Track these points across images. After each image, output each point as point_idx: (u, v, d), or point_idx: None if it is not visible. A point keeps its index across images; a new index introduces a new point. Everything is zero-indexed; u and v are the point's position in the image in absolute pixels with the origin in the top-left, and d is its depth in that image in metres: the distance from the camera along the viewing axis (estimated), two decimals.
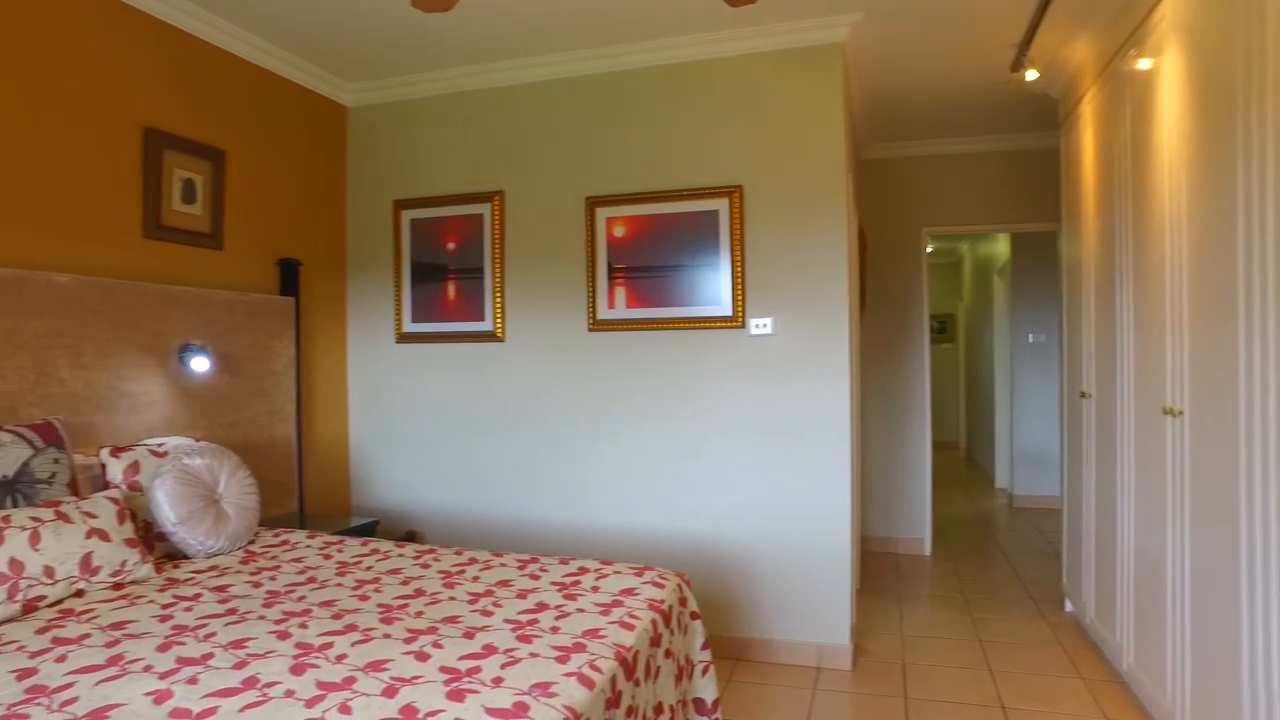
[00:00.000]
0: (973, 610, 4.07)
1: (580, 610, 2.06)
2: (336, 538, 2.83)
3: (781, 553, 3.45)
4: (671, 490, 3.61)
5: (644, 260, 3.65)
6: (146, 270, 3.07)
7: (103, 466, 2.59)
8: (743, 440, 3.51)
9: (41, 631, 1.88)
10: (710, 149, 3.57)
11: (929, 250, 6.34)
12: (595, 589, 2.25)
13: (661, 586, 2.29)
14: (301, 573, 2.40)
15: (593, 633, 1.89)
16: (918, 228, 5.41)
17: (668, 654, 2.15)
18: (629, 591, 2.23)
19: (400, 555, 2.60)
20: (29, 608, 2.01)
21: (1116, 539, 3.11)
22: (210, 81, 3.35)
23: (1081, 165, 3.64)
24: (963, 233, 5.44)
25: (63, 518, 2.17)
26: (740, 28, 3.42)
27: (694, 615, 2.43)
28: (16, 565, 2.00)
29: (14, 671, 1.65)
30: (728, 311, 3.52)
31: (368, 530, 3.50)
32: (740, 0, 2.17)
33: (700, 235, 3.56)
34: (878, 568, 4.98)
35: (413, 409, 4.05)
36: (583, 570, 2.43)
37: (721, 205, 3.54)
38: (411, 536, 4.00)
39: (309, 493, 3.88)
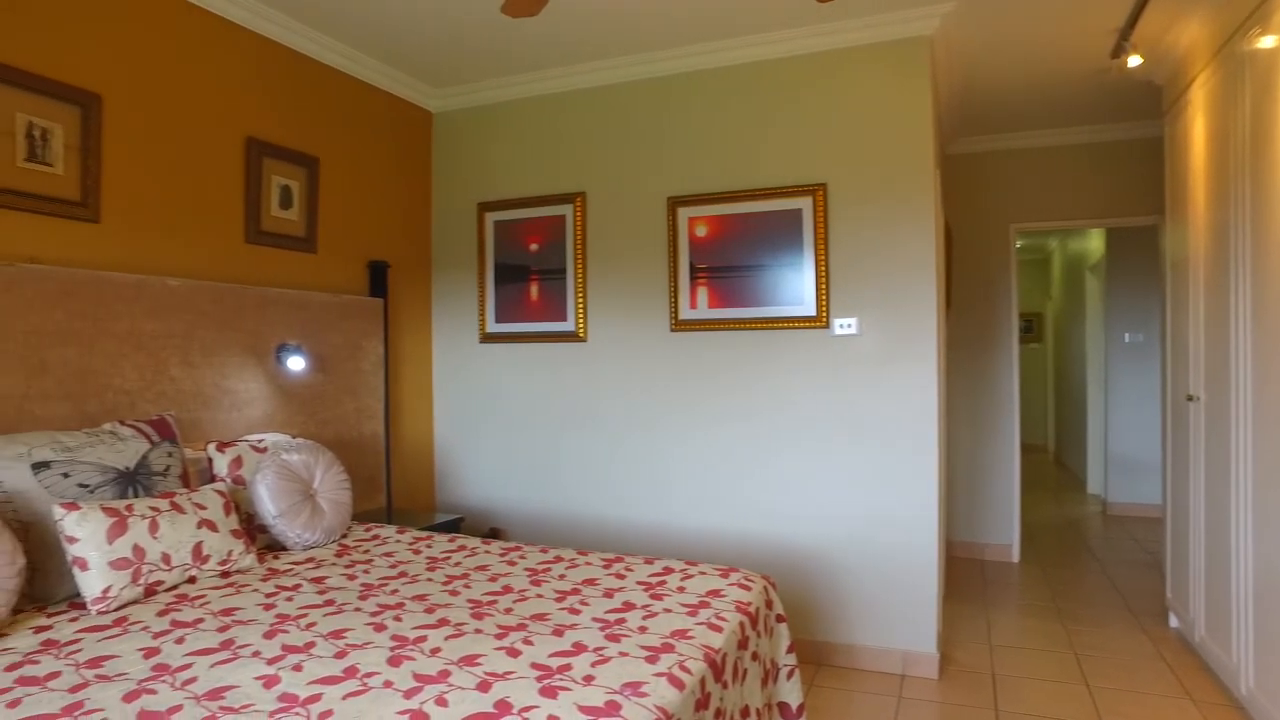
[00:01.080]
0: (1066, 621, 3.91)
1: (667, 610, 2.06)
2: (425, 533, 2.90)
3: (865, 556, 3.38)
4: (753, 491, 3.58)
5: (726, 260, 3.62)
6: (247, 274, 3.21)
7: (210, 461, 2.71)
8: (826, 441, 3.45)
9: (162, 614, 1.98)
10: (793, 147, 3.52)
11: (1016, 247, 6.11)
12: (681, 589, 2.24)
13: (748, 588, 2.27)
14: (393, 567, 2.46)
15: (681, 633, 1.88)
16: (1005, 224, 5.23)
17: (754, 657, 2.13)
18: (715, 593, 2.21)
19: (487, 552, 2.64)
20: (150, 591, 2.12)
21: (1231, 552, 2.93)
22: (305, 91, 3.48)
23: (1190, 154, 3.45)
24: (1054, 228, 5.23)
25: (177, 508, 2.28)
26: (825, 23, 3.36)
27: (780, 618, 2.40)
28: (139, 551, 2.11)
29: (141, 650, 1.75)
30: (811, 311, 3.47)
31: (453, 527, 3.57)
32: None
33: (783, 234, 3.52)
34: (963, 574, 4.83)
35: (495, 408, 4.13)
36: (668, 570, 2.43)
37: (805, 204, 3.48)
38: (494, 533, 4.07)
39: (395, 489, 3.99)
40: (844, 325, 3.41)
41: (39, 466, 2.18)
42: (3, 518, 2.03)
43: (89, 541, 2.05)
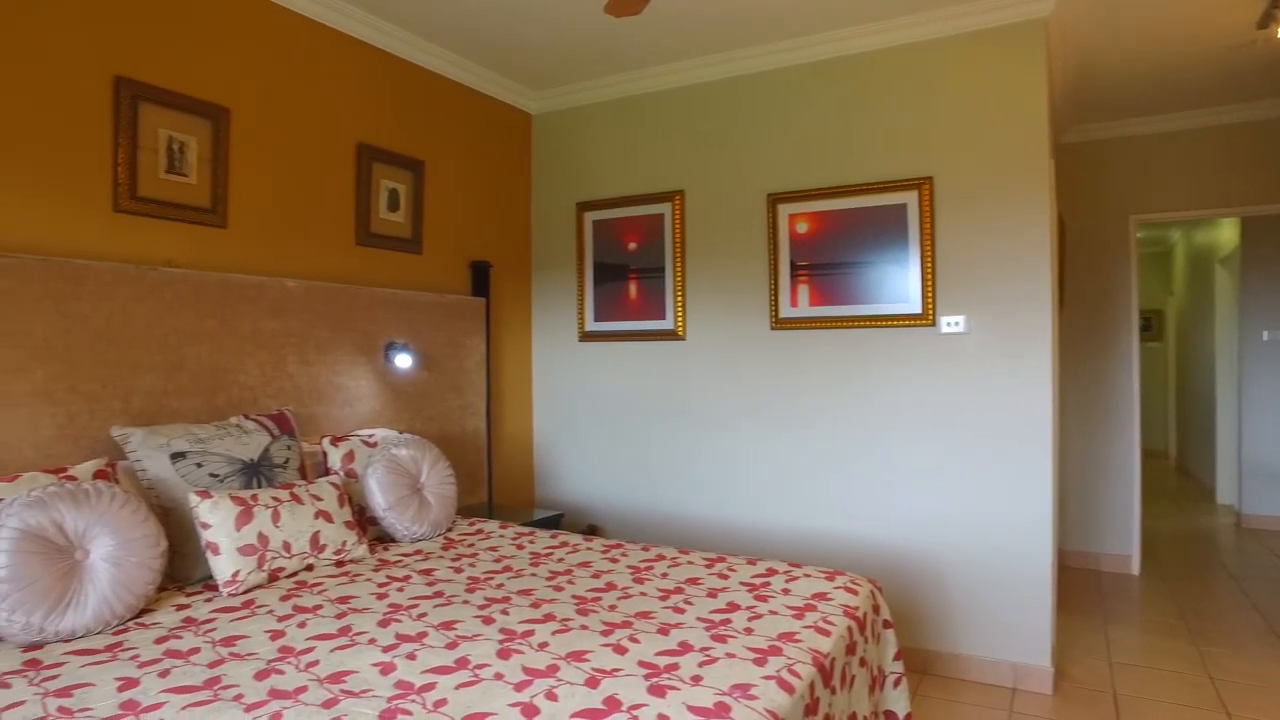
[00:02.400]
0: (1198, 641, 3.65)
1: (773, 612, 2.02)
2: (527, 529, 2.95)
3: (973, 563, 3.25)
4: (856, 493, 3.49)
5: (828, 257, 3.55)
6: (357, 275, 3.34)
7: (324, 454, 2.83)
8: (932, 443, 3.33)
9: (284, 599, 2.08)
10: (897, 140, 3.41)
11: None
12: (786, 591, 2.20)
13: (855, 592, 2.21)
14: (498, 561, 2.51)
15: (788, 636, 1.85)
16: (1124, 215, 4.93)
17: (862, 663, 2.07)
18: (821, 596, 2.16)
19: (589, 549, 2.66)
20: (273, 576, 2.23)
21: None
22: (411, 97, 3.60)
23: None
24: (1180, 219, 4.90)
25: (296, 499, 2.39)
26: (931, 10, 3.24)
27: (887, 624, 2.33)
28: (263, 539, 2.22)
29: (268, 632, 1.84)
30: (916, 309, 3.36)
31: (553, 523, 3.63)
32: None
33: (887, 230, 3.42)
34: (1077, 585, 4.59)
35: (594, 405, 4.16)
36: (771, 571, 2.39)
37: (910, 198, 3.37)
38: (592, 530, 4.11)
39: (495, 484, 4.08)
40: (951, 323, 3.29)
41: (176, 456, 2.32)
42: (148, 504, 2.17)
43: (220, 528, 2.18)
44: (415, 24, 3.39)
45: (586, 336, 4.17)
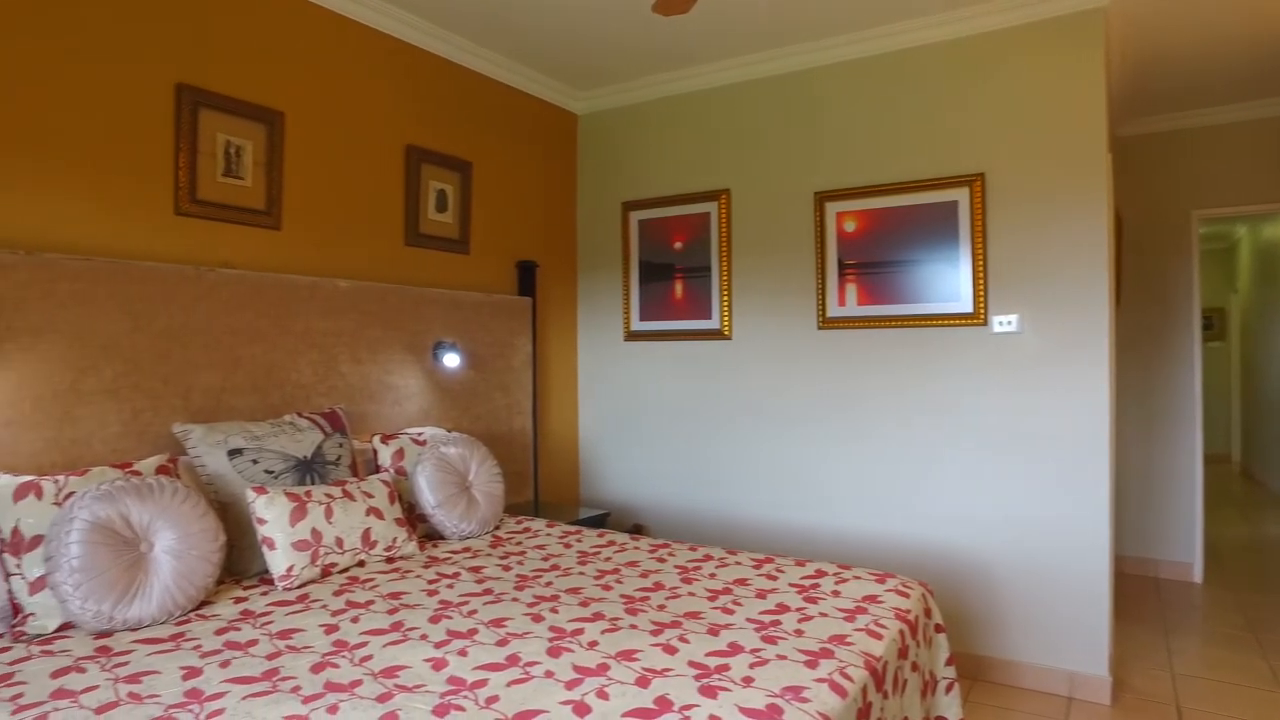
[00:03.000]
0: (1270, 655, 3.50)
1: (823, 614, 2.00)
2: (574, 527, 2.96)
3: (1026, 568, 3.17)
4: (903, 494, 3.44)
5: (876, 255, 3.50)
6: (406, 275, 3.39)
7: (374, 452, 2.87)
8: (983, 444, 3.26)
9: (337, 594, 2.12)
10: (948, 137, 3.35)
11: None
12: (836, 593, 2.17)
13: (906, 595, 2.17)
14: (545, 559, 2.52)
15: (839, 639, 1.82)
16: (1186, 210, 4.77)
17: (914, 667, 2.04)
18: (872, 598, 2.13)
19: (636, 548, 2.66)
20: (326, 571, 2.27)
21: None
22: (459, 99, 3.64)
23: None
24: (1246, 214, 4.73)
25: (348, 496, 2.43)
26: (984, 3, 3.17)
27: (938, 628, 2.29)
28: (316, 534, 2.26)
29: (322, 626, 1.88)
30: (968, 308, 3.29)
31: (599, 522, 3.63)
32: None
33: (938, 227, 3.36)
34: (1135, 592, 4.45)
35: (639, 405, 4.16)
36: (820, 573, 2.36)
37: (961, 195, 3.31)
38: (637, 529, 4.11)
39: (541, 483, 4.10)
40: (1004, 322, 3.22)
41: (234, 453, 2.38)
42: (207, 499, 2.23)
43: (275, 523, 2.22)
44: (463, 27, 3.42)
45: (632, 336, 4.17)
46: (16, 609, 1.84)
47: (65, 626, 1.86)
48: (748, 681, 1.58)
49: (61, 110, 2.31)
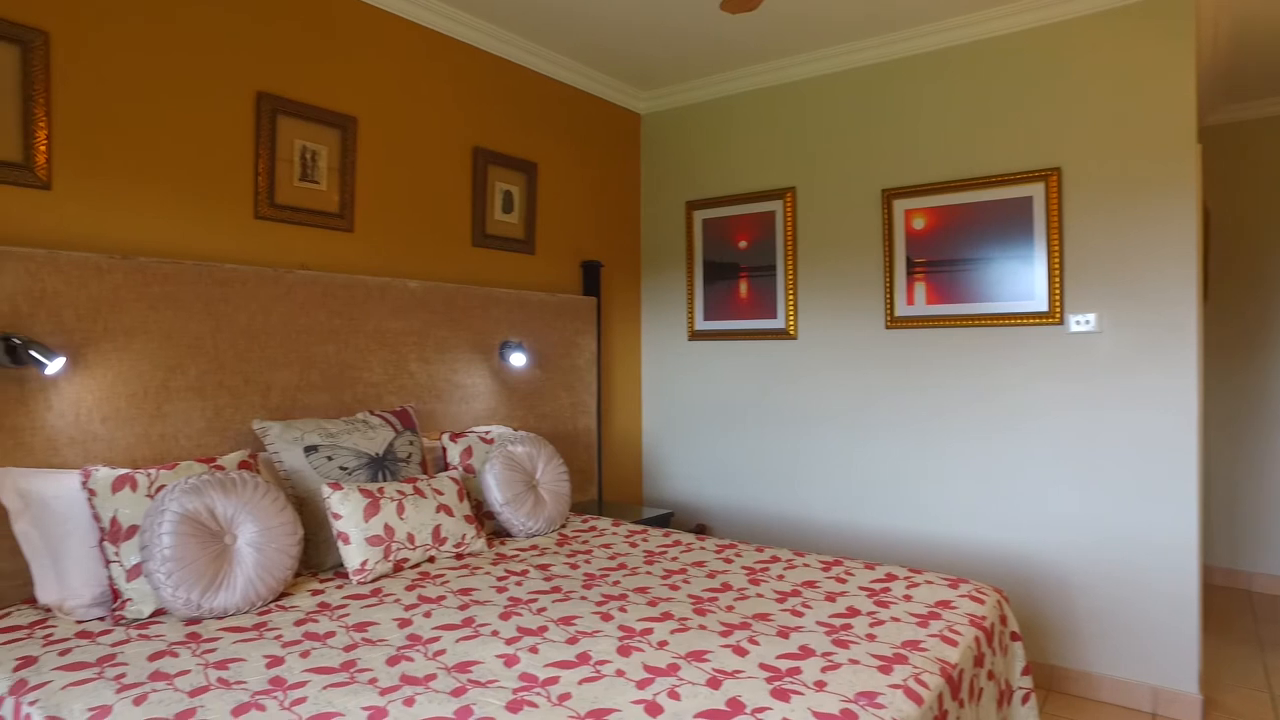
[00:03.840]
0: None
1: (895, 619, 1.96)
2: (639, 527, 2.97)
3: (1106, 577, 3.05)
4: (973, 498, 3.35)
5: (946, 254, 3.42)
6: (474, 275, 3.44)
7: (444, 450, 2.92)
8: (1059, 447, 3.15)
9: (409, 589, 2.16)
10: (1021, 130, 3.25)
11: None
12: (907, 598, 2.13)
13: (981, 601, 2.11)
14: (612, 558, 2.53)
15: (913, 644, 1.78)
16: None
17: (990, 676, 1.98)
18: (945, 604, 2.08)
19: (702, 549, 2.65)
20: (398, 567, 2.32)
21: None
22: (525, 101, 3.68)
23: None
24: None
25: (419, 493, 2.47)
26: None
27: (1014, 636, 2.22)
28: (389, 530, 2.31)
29: (396, 620, 1.92)
30: (1042, 307, 3.19)
31: (662, 521, 3.63)
32: None
33: (1010, 224, 3.26)
34: (1225, 606, 4.25)
35: (703, 404, 4.15)
36: (890, 577, 2.32)
37: (1035, 190, 3.21)
38: (701, 529, 4.09)
39: (604, 481, 4.12)
40: (1081, 321, 3.11)
41: (309, 450, 2.45)
42: (285, 494, 2.30)
43: (350, 519, 2.28)
44: (528, 29, 3.46)
45: (696, 335, 4.16)
46: (116, 594, 1.93)
47: (158, 612, 1.94)
48: (820, 685, 1.55)
49: (153, 122, 2.41)
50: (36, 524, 1.96)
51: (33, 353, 1.99)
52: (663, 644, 1.76)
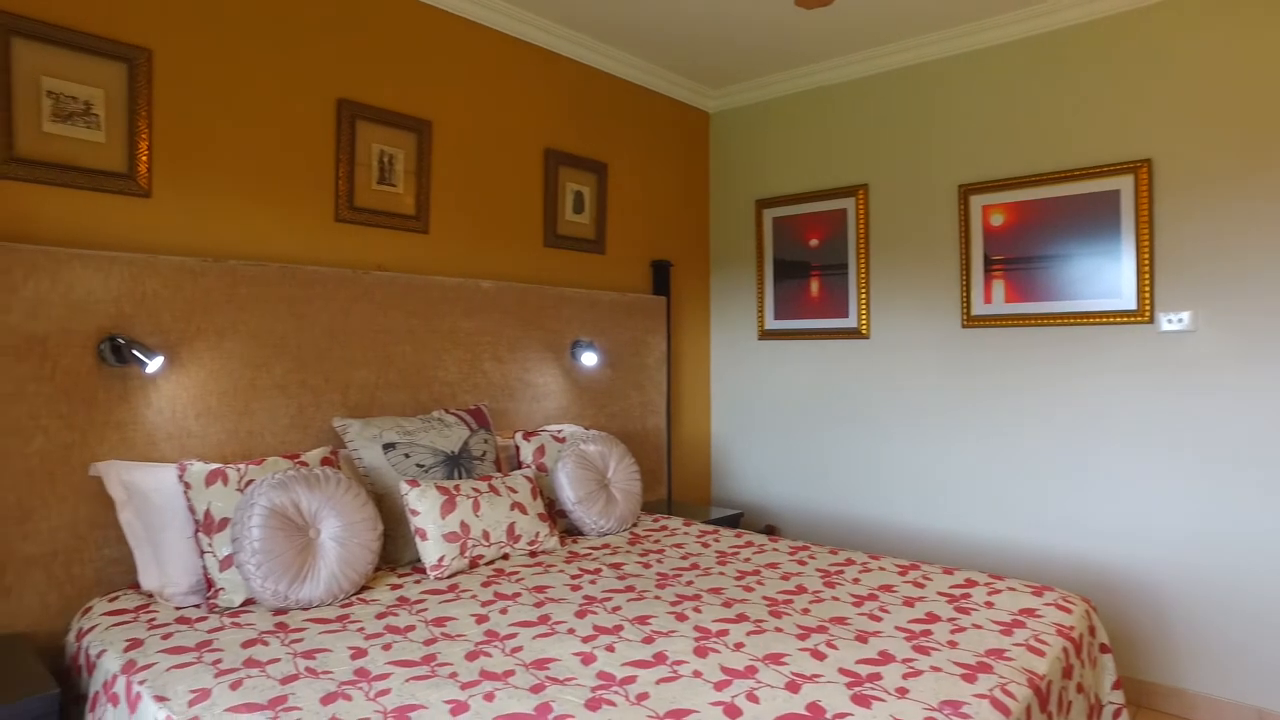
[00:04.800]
0: None
1: (976, 626, 1.91)
2: (711, 527, 2.96)
3: (1200, 587, 2.91)
4: (1055, 503, 3.23)
5: (1026, 250, 3.31)
6: (545, 275, 3.48)
7: (516, 448, 2.96)
8: (1147, 451, 3.02)
9: (485, 585, 2.19)
10: (1108, 121, 3.12)
11: None
12: (989, 604, 2.07)
13: (1068, 610, 2.04)
14: (684, 558, 2.53)
15: (997, 653, 1.73)
16: None
17: (1079, 689, 1.91)
18: (1029, 612, 2.01)
19: (775, 550, 2.63)
20: (473, 563, 2.36)
21: None
22: (594, 102, 3.70)
23: None
24: None
25: (494, 490, 2.51)
26: None
27: (1104, 648, 2.14)
28: (465, 527, 2.35)
29: (473, 615, 1.95)
30: (1130, 305, 3.06)
31: (732, 522, 3.61)
32: None
33: (1096, 219, 3.14)
34: None
35: (773, 405, 4.11)
36: (970, 583, 2.26)
37: (1123, 183, 3.08)
38: (770, 530, 4.05)
39: (673, 481, 4.12)
40: (1173, 320, 2.97)
41: (387, 447, 2.51)
42: (366, 490, 2.36)
43: (427, 515, 2.33)
44: (599, 30, 3.48)
45: (766, 335, 4.12)
46: (210, 583, 2.01)
47: (248, 602, 2.01)
48: (902, 692, 1.52)
49: (242, 130, 2.51)
50: (139, 514, 2.06)
51: (135, 352, 2.09)
52: (739, 646, 1.75)
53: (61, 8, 2.14)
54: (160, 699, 1.50)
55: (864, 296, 3.76)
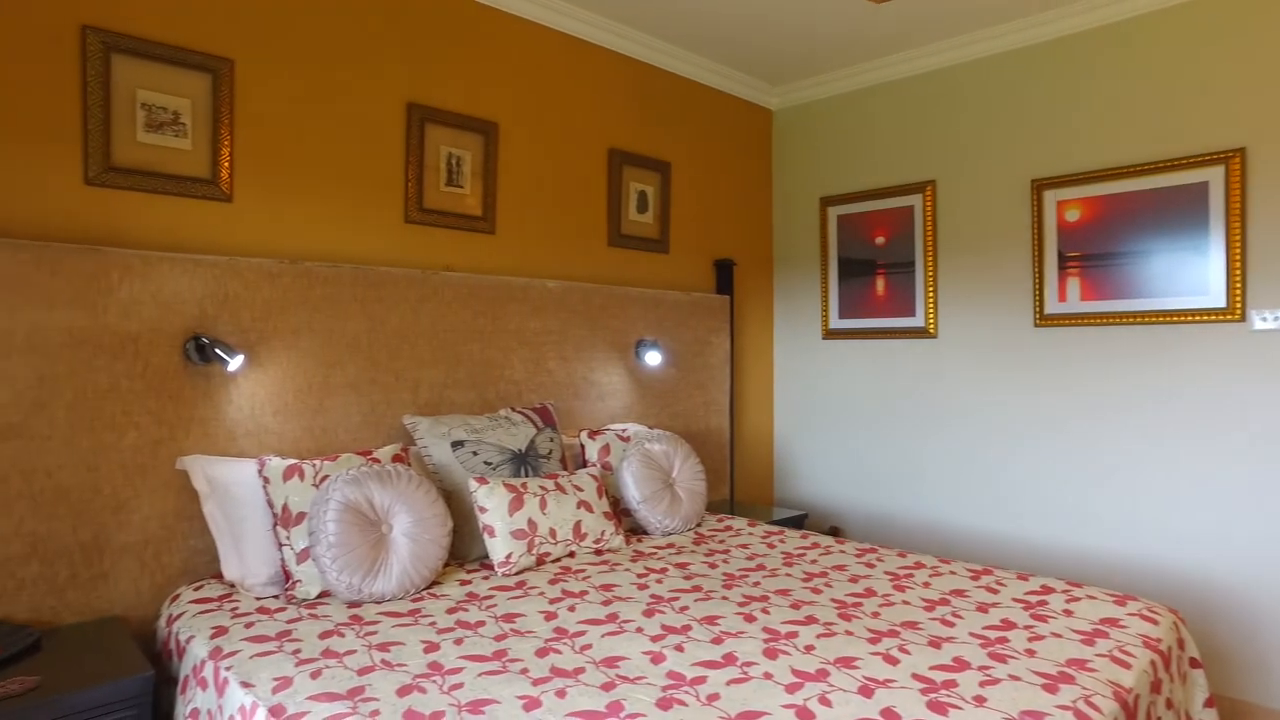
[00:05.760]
0: None
1: (1055, 635, 1.85)
2: (776, 527, 2.93)
3: None
4: (1132, 509, 3.10)
5: (1103, 246, 3.19)
6: (609, 275, 3.49)
7: (582, 447, 2.98)
8: (1239, 456, 2.88)
9: (552, 582, 2.21)
10: (1195, 110, 2.99)
11: None
12: (1068, 613, 2.00)
13: (1154, 621, 1.96)
14: (750, 559, 2.51)
15: (1079, 663, 1.67)
16: None
17: (1169, 704, 1.83)
18: (1112, 621, 1.94)
19: (841, 552, 2.59)
20: (540, 561, 2.38)
21: None
22: (657, 101, 3.70)
23: None
24: None
25: (560, 489, 2.53)
26: None
27: (1194, 663, 2.04)
28: (532, 525, 2.38)
29: (542, 612, 1.97)
30: (1218, 302, 2.92)
31: (796, 523, 3.57)
32: None
33: (1180, 213, 3.01)
34: None
35: (836, 405, 4.05)
36: (1046, 590, 2.19)
37: (1213, 175, 2.94)
38: (834, 531, 4.00)
39: (735, 481, 4.09)
40: (1268, 318, 2.82)
41: (456, 445, 2.55)
42: (436, 487, 2.41)
43: (495, 512, 2.36)
44: (662, 29, 3.47)
45: (830, 334, 4.06)
46: (287, 575, 2.07)
47: (323, 594, 2.07)
48: (979, 701, 1.48)
49: (317, 135, 2.58)
50: (220, 507, 2.14)
51: (218, 351, 2.17)
52: (809, 648, 1.73)
53: (153, 23, 2.23)
54: (246, 685, 1.55)
55: (931, 295, 3.67)
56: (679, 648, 1.73)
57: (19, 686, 1.59)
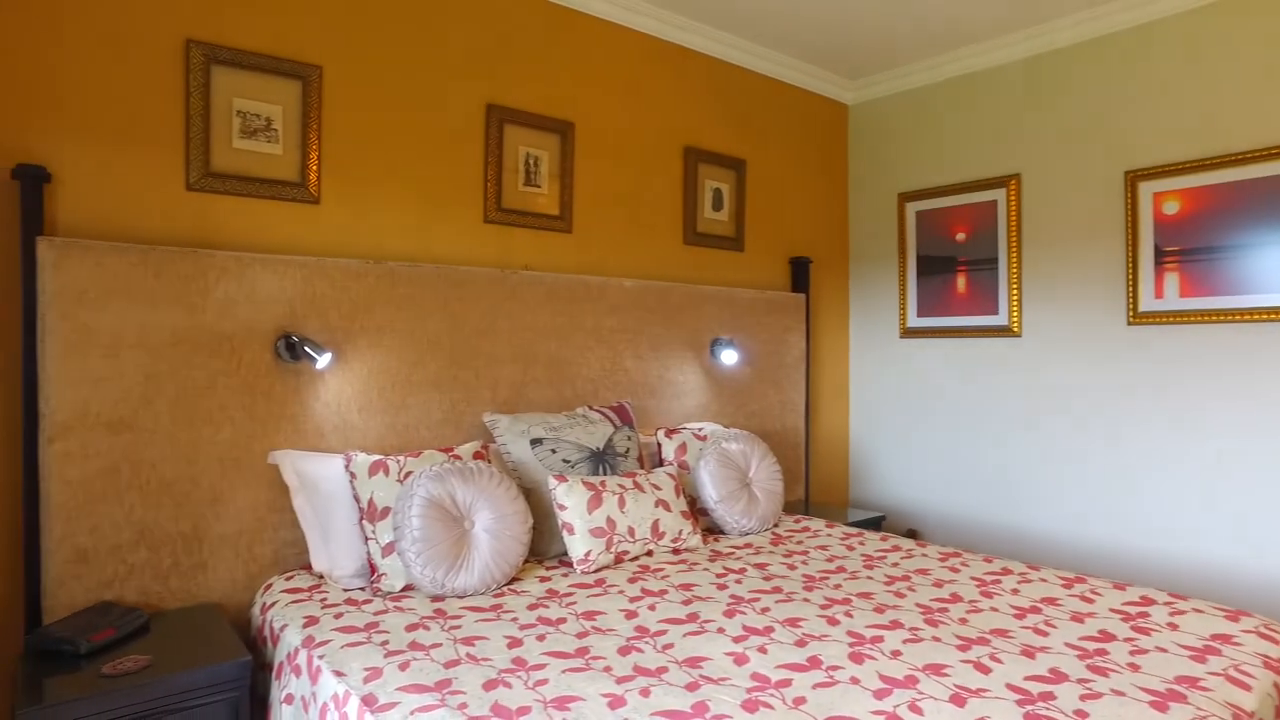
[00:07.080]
0: None
1: (1160, 649, 1.75)
2: (855, 529, 2.87)
3: None
4: (1235, 518, 2.93)
5: (1204, 240, 3.02)
6: (684, 273, 3.48)
7: (658, 445, 2.97)
8: None
9: (631, 581, 2.21)
10: None
11: None
12: (1172, 626, 1.90)
13: (1274, 641, 1.84)
14: (829, 560, 2.46)
15: (1189, 681, 1.59)
16: None
17: None
18: (1223, 638, 1.83)
19: (924, 555, 2.52)
20: (618, 559, 2.39)
21: None
22: (732, 98, 3.67)
23: None
24: None
25: (638, 487, 2.53)
26: None
27: None
28: (610, 523, 2.38)
29: (622, 611, 1.97)
30: None
31: (874, 524, 3.50)
32: None
33: None
34: None
35: (914, 405, 3.95)
36: (1146, 600, 2.08)
37: None
38: (912, 534, 3.90)
39: (810, 481, 4.03)
40: None
41: (535, 443, 2.57)
42: (516, 484, 2.43)
43: (574, 510, 2.37)
44: (737, 25, 3.44)
45: (908, 333, 3.96)
46: (373, 568, 2.12)
47: (407, 588, 2.11)
48: (1081, 716, 1.42)
49: (400, 138, 2.64)
50: (309, 501, 2.21)
51: (307, 349, 2.24)
52: (896, 654, 1.69)
53: (250, 34, 2.32)
54: (339, 674, 1.60)
55: (1015, 292, 3.54)
56: (762, 649, 1.71)
57: (134, 665, 1.68)
